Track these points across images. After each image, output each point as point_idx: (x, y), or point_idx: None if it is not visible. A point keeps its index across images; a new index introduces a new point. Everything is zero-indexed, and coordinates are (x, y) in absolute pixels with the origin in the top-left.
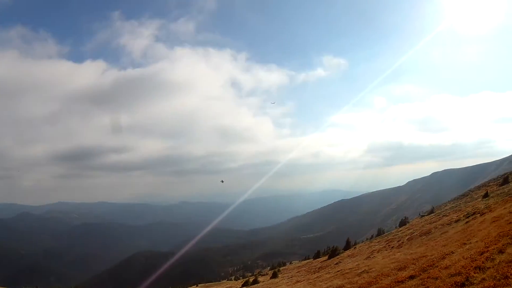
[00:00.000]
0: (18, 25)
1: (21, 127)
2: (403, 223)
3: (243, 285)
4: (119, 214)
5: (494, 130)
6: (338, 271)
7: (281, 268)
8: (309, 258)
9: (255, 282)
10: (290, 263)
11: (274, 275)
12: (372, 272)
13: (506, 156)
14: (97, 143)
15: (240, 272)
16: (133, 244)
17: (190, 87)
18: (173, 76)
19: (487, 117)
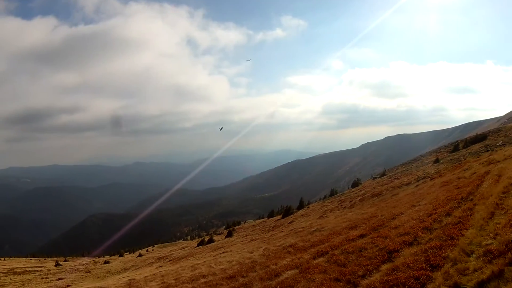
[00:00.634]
0: None
1: None
2: (355, 184)
3: (198, 245)
4: (72, 176)
5: (448, 100)
6: (291, 230)
7: (236, 227)
8: (263, 217)
9: (211, 241)
10: (245, 222)
11: (229, 234)
12: (325, 231)
13: (458, 125)
14: (47, 104)
15: (195, 232)
16: (87, 206)
17: (145, 44)
18: (127, 32)
19: (443, 86)
